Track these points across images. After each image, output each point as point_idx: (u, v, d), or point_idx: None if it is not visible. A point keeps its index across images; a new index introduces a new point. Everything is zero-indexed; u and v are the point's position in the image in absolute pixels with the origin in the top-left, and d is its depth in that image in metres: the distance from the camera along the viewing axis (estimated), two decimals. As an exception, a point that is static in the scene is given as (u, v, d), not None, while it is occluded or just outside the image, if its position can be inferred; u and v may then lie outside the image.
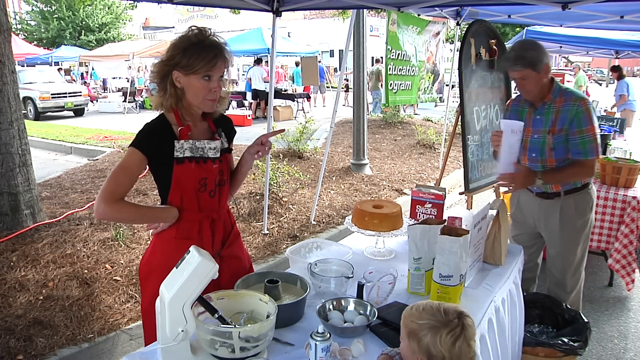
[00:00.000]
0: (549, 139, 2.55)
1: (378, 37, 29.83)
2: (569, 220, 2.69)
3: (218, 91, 1.77)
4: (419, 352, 1.31)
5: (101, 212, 1.67)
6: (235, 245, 1.98)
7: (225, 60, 1.75)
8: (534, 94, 2.57)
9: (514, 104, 2.81)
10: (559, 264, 2.79)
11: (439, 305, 1.35)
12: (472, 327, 1.34)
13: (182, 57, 1.69)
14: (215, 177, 1.83)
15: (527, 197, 2.84)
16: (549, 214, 2.73)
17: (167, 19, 40.27)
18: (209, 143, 1.80)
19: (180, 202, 1.80)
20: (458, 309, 1.35)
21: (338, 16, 18.20)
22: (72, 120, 13.96)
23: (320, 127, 10.66)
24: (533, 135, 2.63)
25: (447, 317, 1.31)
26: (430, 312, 1.33)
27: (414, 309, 1.37)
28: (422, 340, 1.30)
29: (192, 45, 1.70)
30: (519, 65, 2.46)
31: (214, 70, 1.72)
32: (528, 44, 2.54)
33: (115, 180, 1.70)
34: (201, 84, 1.72)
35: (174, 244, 1.79)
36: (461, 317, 1.32)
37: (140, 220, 2.21)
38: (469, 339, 1.31)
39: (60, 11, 26.10)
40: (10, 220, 4.17)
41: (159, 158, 1.74)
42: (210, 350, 1.42)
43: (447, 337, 1.28)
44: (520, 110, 2.72)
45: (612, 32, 7.45)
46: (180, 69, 1.70)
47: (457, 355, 1.29)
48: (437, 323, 1.30)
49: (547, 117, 2.57)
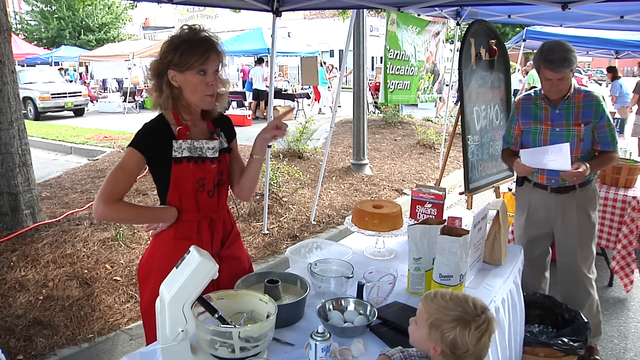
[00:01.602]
0: (578, 131, 2.63)
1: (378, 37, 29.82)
2: (585, 213, 2.76)
3: (215, 85, 1.76)
4: (441, 342, 1.27)
5: (100, 213, 1.67)
6: (235, 245, 1.98)
7: (219, 54, 1.74)
8: (563, 92, 2.63)
9: (525, 103, 2.82)
10: (575, 260, 2.81)
11: (466, 297, 1.31)
12: (494, 321, 1.31)
13: (174, 54, 1.69)
14: (213, 177, 1.82)
15: (540, 195, 2.84)
16: (567, 208, 2.77)
17: (167, 19, 40.26)
18: (207, 143, 1.79)
19: (179, 202, 1.79)
20: (483, 303, 1.32)
21: (338, 16, 18.20)
22: (72, 120, 13.96)
23: (320, 127, 10.67)
24: (554, 129, 2.69)
25: (476, 310, 1.28)
26: (458, 302, 1.29)
27: (439, 297, 1.32)
28: (447, 332, 1.26)
29: (184, 42, 1.70)
30: (565, 67, 2.50)
31: (208, 64, 1.71)
32: (565, 45, 2.54)
33: (114, 180, 1.70)
34: (197, 79, 1.71)
35: (172, 245, 1.79)
36: (486, 312, 1.29)
37: (139, 221, 2.20)
38: (490, 333, 1.29)
39: (60, 11, 26.09)
40: (10, 220, 4.17)
41: (158, 158, 1.74)
42: (210, 350, 1.42)
43: (475, 332, 1.25)
44: (534, 107, 2.77)
45: (612, 32, 7.46)
46: (174, 67, 1.70)
47: (479, 349, 1.27)
48: (466, 315, 1.26)
49: (568, 112, 2.66)
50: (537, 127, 2.76)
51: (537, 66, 2.62)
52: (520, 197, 3.01)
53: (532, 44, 9.30)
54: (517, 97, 3.04)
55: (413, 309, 1.75)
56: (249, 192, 2.00)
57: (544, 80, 2.62)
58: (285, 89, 15.79)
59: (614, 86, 9.55)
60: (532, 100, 2.79)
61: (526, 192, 2.92)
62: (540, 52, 2.58)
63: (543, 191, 2.82)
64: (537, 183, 2.84)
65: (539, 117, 2.74)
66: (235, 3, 4.54)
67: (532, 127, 2.78)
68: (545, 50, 2.55)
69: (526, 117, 2.79)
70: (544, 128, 2.72)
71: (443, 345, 1.27)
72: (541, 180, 2.80)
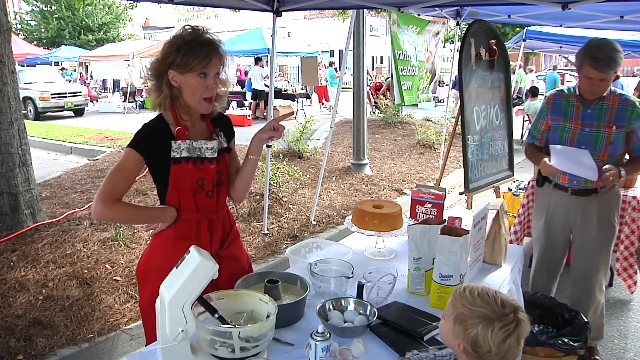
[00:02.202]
0: (609, 133, 2.56)
1: (378, 37, 29.81)
2: (606, 218, 2.71)
3: (214, 89, 1.75)
4: (464, 339, 1.23)
5: (99, 213, 1.67)
6: (235, 245, 1.97)
7: (220, 57, 1.74)
8: (601, 93, 2.56)
9: (556, 98, 2.74)
10: (590, 265, 2.76)
11: (496, 295, 1.26)
12: (527, 323, 1.24)
13: (176, 55, 1.68)
14: (212, 177, 1.82)
15: (560, 197, 2.78)
16: (587, 211, 2.71)
17: (167, 19, 40.25)
18: (206, 143, 1.79)
19: (178, 202, 1.79)
20: (515, 302, 1.26)
21: (338, 16, 18.21)
22: (72, 120, 13.96)
23: (320, 127, 10.66)
24: (584, 129, 2.61)
25: (504, 309, 1.22)
26: (486, 300, 1.24)
27: (467, 292, 1.28)
28: (470, 328, 1.22)
29: (186, 43, 1.69)
30: (610, 68, 2.42)
31: (209, 67, 1.70)
32: (614, 44, 2.45)
33: (113, 181, 1.69)
34: (197, 81, 1.70)
35: (171, 245, 1.79)
36: (517, 312, 1.23)
37: (138, 221, 2.20)
38: (520, 335, 1.23)
39: (60, 11, 26.08)
40: (10, 220, 4.17)
41: (157, 158, 1.74)
42: (210, 350, 1.42)
43: (500, 332, 1.20)
44: (565, 103, 2.69)
45: (612, 32, 7.45)
46: (175, 67, 1.69)
47: (505, 351, 1.21)
48: (491, 314, 1.21)
49: (601, 113, 2.58)
50: (565, 125, 2.67)
51: (579, 63, 2.48)
52: (539, 198, 2.94)
53: (532, 44, 9.30)
54: (548, 92, 2.98)
55: (413, 309, 1.76)
56: (242, 193, 1.98)
57: (584, 78, 2.51)
58: (285, 89, 15.78)
59: (615, 86, 9.53)
60: (564, 97, 2.70)
61: (546, 193, 2.85)
62: (586, 49, 2.45)
63: (563, 193, 2.75)
64: (558, 184, 2.76)
65: (570, 114, 2.64)
66: (235, 3, 4.54)
67: (560, 124, 2.69)
68: (593, 47, 2.43)
69: (556, 113, 2.70)
70: (572, 126, 2.63)
71: (465, 342, 1.23)
72: (563, 180, 2.73)
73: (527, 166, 8.05)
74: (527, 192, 3.97)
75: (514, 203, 4.75)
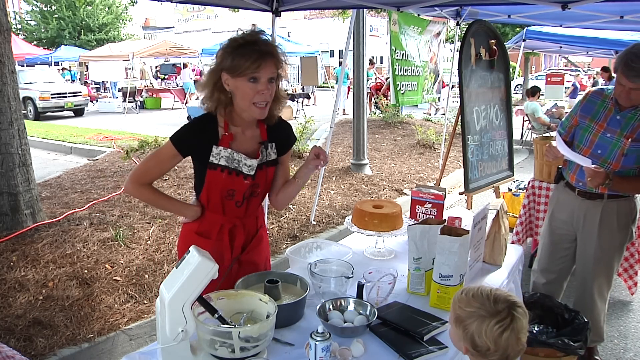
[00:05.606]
0: (624, 144, 2.44)
1: (378, 37, 29.81)
2: (609, 227, 2.62)
3: (267, 94, 1.69)
4: (465, 339, 1.26)
5: (126, 188, 1.79)
6: (256, 251, 1.98)
7: (275, 61, 1.68)
8: (633, 102, 2.42)
9: (593, 96, 2.63)
10: (588, 271, 2.73)
11: (490, 293, 1.28)
12: (524, 318, 1.26)
13: (228, 58, 1.66)
14: (244, 191, 1.82)
15: (567, 196, 2.76)
16: (589, 215, 2.66)
17: (167, 18, 40.29)
18: (246, 159, 1.77)
19: (207, 201, 1.83)
20: (510, 298, 1.27)
21: (338, 16, 18.19)
22: (72, 120, 13.96)
23: (320, 127, 10.66)
24: (605, 134, 2.52)
25: (497, 306, 1.24)
26: (480, 299, 1.26)
27: (463, 294, 1.31)
28: (467, 328, 1.25)
29: (239, 46, 1.66)
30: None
31: (260, 72, 1.65)
32: None
33: (146, 165, 1.77)
34: (248, 86, 1.66)
35: (193, 239, 1.83)
36: (512, 308, 1.25)
37: (160, 208, 2.28)
38: (518, 331, 1.24)
39: (60, 11, 26.09)
40: (10, 220, 4.16)
41: (196, 155, 1.77)
42: (210, 350, 1.42)
43: (494, 328, 1.21)
44: (600, 103, 2.58)
45: (612, 32, 7.46)
46: (227, 71, 1.67)
47: (503, 347, 1.22)
48: (484, 312, 1.24)
49: (629, 122, 2.45)
50: (590, 125, 2.58)
51: (616, 65, 2.37)
52: (553, 194, 2.92)
53: (532, 44, 9.30)
54: (588, 89, 2.88)
55: (413, 309, 1.76)
56: (283, 204, 2.04)
57: (618, 84, 2.41)
58: (285, 89, 15.75)
59: None
60: (601, 96, 2.59)
61: (559, 190, 2.83)
62: (624, 54, 2.33)
63: (571, 192, 2.72)
64: (568, 182, 2.73)
65: (599, 115, 2.55)
66: (235, 3, 4.54)
67: (586, 122, 2.60)
68: (630, 53, 2.30)
69: (587, 111, 2.61)
70: (596, 128, 2.54)
71: (466, 342, 1.26)
72: (571, 179, 2.69)
73: (527, 166, 8.07)
74: (527, 192, 3.96)
75: (514, 203, 4.76)
